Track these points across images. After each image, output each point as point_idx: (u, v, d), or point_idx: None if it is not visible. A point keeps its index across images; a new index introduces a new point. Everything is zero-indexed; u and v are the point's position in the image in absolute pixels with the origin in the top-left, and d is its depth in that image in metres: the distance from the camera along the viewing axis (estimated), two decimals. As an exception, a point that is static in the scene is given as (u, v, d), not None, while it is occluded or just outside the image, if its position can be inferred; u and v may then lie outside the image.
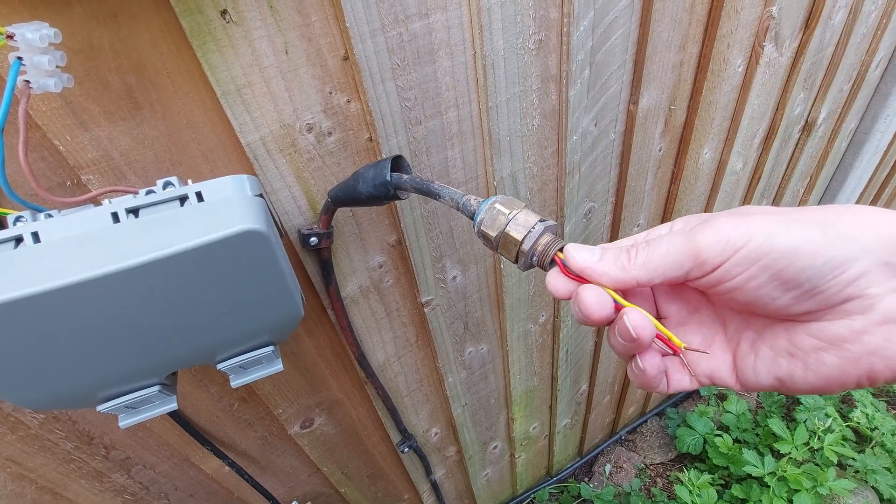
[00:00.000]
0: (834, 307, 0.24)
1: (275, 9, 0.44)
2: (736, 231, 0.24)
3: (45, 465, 0.60)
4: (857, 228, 0.23)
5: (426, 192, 0.43)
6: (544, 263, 0.33)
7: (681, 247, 0.26)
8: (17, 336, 0.31)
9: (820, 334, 0.25)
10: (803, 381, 0.26)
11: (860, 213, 0.23)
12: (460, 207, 0.39)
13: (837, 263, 0.22)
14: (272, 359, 0.48)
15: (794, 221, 0.24)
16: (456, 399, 1.00)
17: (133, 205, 0.34)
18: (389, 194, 0.47)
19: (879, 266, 0.22)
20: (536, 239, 0.33)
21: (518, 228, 0.33)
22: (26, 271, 0.29)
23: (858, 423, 1.60)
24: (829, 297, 0.23)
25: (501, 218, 0.34)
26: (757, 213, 0.25)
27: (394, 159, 0.49)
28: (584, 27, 0.63)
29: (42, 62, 0.34)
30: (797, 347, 0.26)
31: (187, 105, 0.45)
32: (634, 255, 0.28)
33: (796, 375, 0.26)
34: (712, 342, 0.31)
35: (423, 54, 0.54)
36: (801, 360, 0.26)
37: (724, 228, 0.25)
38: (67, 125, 0.41)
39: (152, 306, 0.32)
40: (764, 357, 0.28)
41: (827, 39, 1.01)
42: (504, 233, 0.33)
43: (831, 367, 0.24)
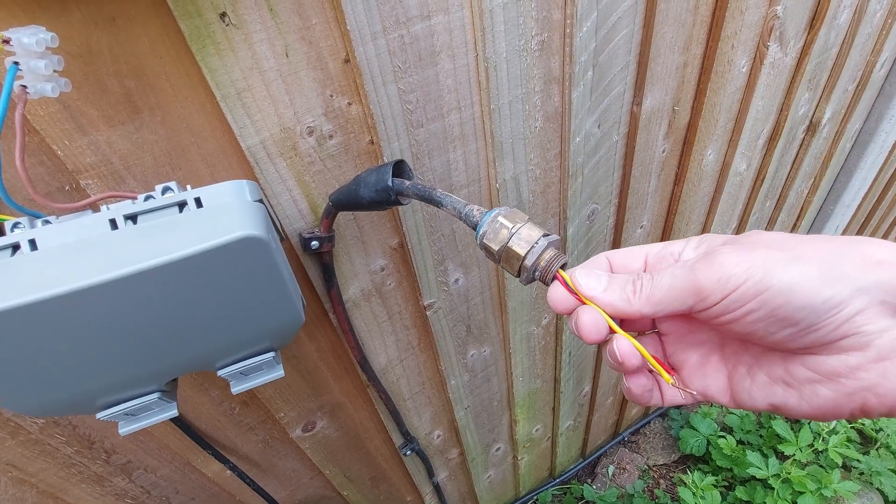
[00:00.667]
0: (830, 343, 0.24)
1: (275, 11, 0.44)
2: (736, 269, 0.25)
3: (46, 470, 0.60)
4: (857, 267, 0.23)
5: (428, 200, 0.43)
6: (546, 279, 0.33)
7: (683, 282, 0.27)
8: (15, 344, 0.30)
9: (816, 367, 0.25)
10: (797, 410, 0.27)
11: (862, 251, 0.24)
12: (463, 217, 0.39)
13: (835, 304, 0.23)
14: (273, 365, 0.48)
15: (795, 259, 0.24)
16: (458, 402, 0.99)
17: (131, 211, 0.33)
18: (391, 199, 0.47)
19: (876, 305, 0.23)
20: (539, 255, 0.33)
21: (521, 243, 0.33)
22: (23, 279, 0.29)
23: (863, 424, 1.59)
24: (825, 334, 0.24)
25: (504, 232, 0.34)
26: (761, 245, 0.26)
27: (396, 164, 0.48)
28: (587, 28, 0.63)
29: (39, 67, 0.34)
30: (793, 378, 0.26)
31: (187, 109, 0.44)
32: (640, 289, 0.29)
33: (790, 403, 0.27)
34: (708, 361, 0.32)
35: (424, 57, 0.53)
36: (796, 390, 0.26)
37: (725, 265, 0.25)
38: (66, 130, 0.41)
39: (151, 313, 0.32)
40: (760, 383, 0.28)
41: (832, 40, 1.00)
42: (507, 247, 0.33)
43: (825, 400, 0.25)
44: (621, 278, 0.30)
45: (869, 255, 0.23)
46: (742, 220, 1.29)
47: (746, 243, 0.26)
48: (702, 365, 0.32)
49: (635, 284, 0.29)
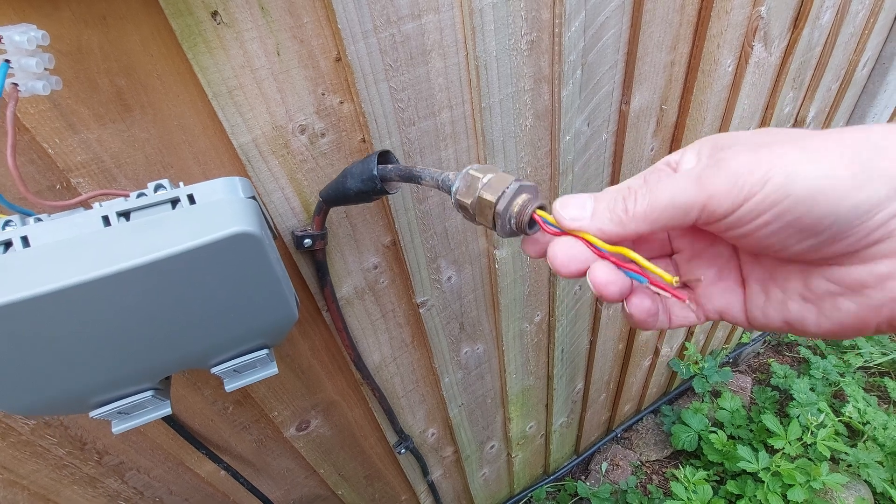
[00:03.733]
0: (858, 252, 0.21)
1: (266, 10, 0.44)
2: (751, 176, 0.21)
3: (38, 472, 0.59)
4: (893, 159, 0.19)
5: (409, 178, 0.42)
6: (523, 225, 0.30)
7: (688, 194, 0.23)
8: (6, 342, 0.30)
9: (839, 279, 0.22)
10: (815, 326, 0.24)
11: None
12: (440, 185, 0.36)
13: (868, 207, 0.19)
14: (267, 362, 0.48)
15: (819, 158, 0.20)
16: (452, 399, 1.00)
17: (124, 208, 0.33)
18: (377, 188, 0.47)
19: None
20: (511, 198, 0.30)
21: (491, 190, 0.30)
22: (15, 276, 0.29)
23: (850, 417, 1.62)
24: (853, 242, 0.20)
25: (476, 183, 0.31)
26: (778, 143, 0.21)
27: (381, 154, 0.49)
28: (576, 28, 0.63)
29: (30, 64, 0.34)
30: (811, 292, 0.23)
31: (178, 107, 0.44)
32: (633, 205, 0.24)
33: (808, 320, 0.24)
34: (727, 276, 0.28)
35: (415, 55, 0.54)
36: (814, 305, 0.23)
37: (740, 172, 0.21)
38: (56, 128, 0.41)
39: (144, 310, 0.32)
40: (775, 300, 0.25)
41: (815, 39, 1.02)
42: (478, 197, 0.31)
43: (847, 314, 0.22)
44: (608, 196, 0.26)
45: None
46: (730, 217, 1.31)
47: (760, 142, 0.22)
48: (717, 281, 0.28)
49: (626, 201, 0.25)
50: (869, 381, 1.87)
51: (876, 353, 1.88)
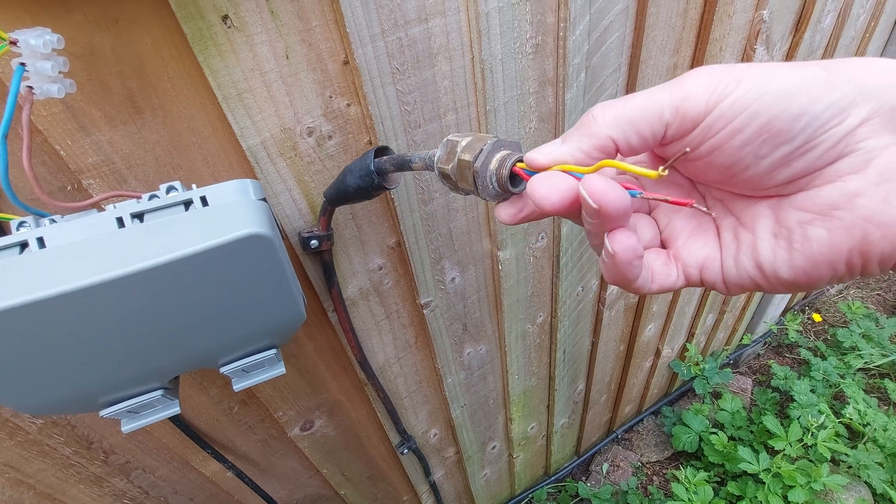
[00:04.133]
0: (824, 168, 0.21)
1: (276, 14, 0.44)
2: (726, 76, 0.21)
3: (44, 471, 0.60)
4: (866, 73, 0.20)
5: (401, 165, 0.42)
6: (504, 181, 0.28)
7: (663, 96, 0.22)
8: (24, 341, 0.31)
9: (807, 204, 0.21)
10: (788, 266, 0.23)
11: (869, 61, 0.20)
12: (428, 163, 0.35)
13: (838, 110, 0.19)
14: (274, 362, 0.48)
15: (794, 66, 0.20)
16: (455, 400, 1.00)
17: (138, 210, 0.34)
18: (375, 182, 0.47)
19: (885, 113, 0.19)
20: (488, 155, 0.28)
21: (469, 150, 0.29)
22: (33, 276, 0.30)
23: (851, 419, 1.62)
24: (821, 153, 0.20)
25: (455, 147, 0.30)
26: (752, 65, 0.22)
27: (378, 149, 0.49)
28: (580, 31, 0.64)
29: (45, 68, 0.34)
30: (782, 225, 0.23)
31: (188, 109, 0.45)
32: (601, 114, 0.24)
33: (779, 259, 0.23)
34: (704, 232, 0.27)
35: (422, 59, 0.54)
36: (785, 240, 0.22)
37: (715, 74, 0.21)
38: (68, 130, 0.41)
39: (157, 310, 0.32)
40: (745, 244, 0.24)
41: (817, 42, 1.02)
42: (458, 160, 0.29)
43: (820, 244, 0.21)
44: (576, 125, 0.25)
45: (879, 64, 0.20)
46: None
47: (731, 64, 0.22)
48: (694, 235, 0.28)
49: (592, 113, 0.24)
50: (869, 382, 1.87)
51: (876, 354, 1.88)
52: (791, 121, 0.20)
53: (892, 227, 0.19)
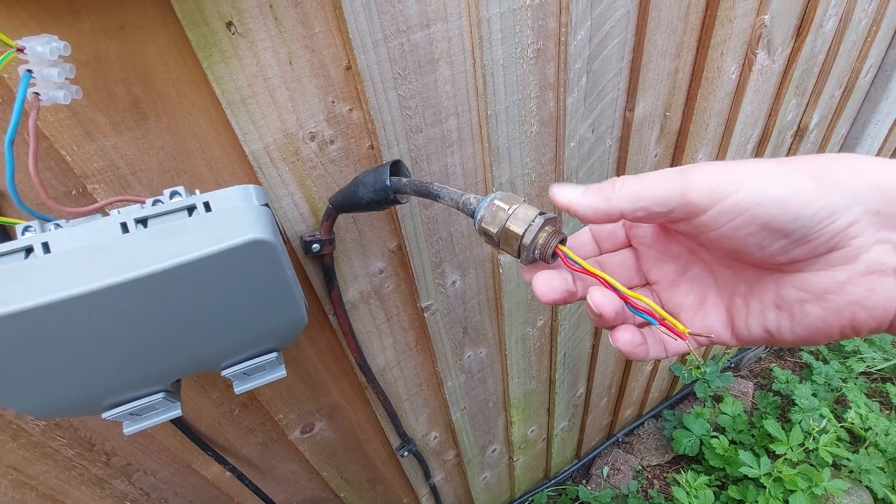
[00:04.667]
0: (819, 257, 0.24)
1: (279, 20, 0.45)
2: (727, 176, 0.24)
3: (47, 473, 0.60)
4: (851, 176, 0.23)
5: (425, 194, 0.44)
6: (546, 256, 0.33)
7: (670, 183, 0.25)
8: (30, 345, 0.31)
9: (805, 286, 0.25)
10: (790, 333, 0.26)
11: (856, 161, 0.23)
12: (460, 207, 0.38)
13: (827, 214, 0.22)
14: (276, 365, 0.48)
15: (789, 170, 0.23)
16: (455, 403, 1.00)
17: (142, 215, 0.34)
18: (389, 198, 0.48)
19: (869, 215, 0.22)
20: (537, 232, 0.32)
21: (518, 223, 0.33)
22: (38, 281, 0.30)
23: (852, 423, 1.62)
24: (816, 246, 0.23)
25: (501, 214, 0.33)
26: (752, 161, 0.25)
27: (392, 164, 0.50)
28: (582, 37, 0.64)
29: (52, 75, 0.35)
30: (784, 300, 0.26)
31: (192, 115, 0.45)
32: (620, 185, 0.27)
33: (783, 327, 0.27)
34: (706, 299, 0.31)
35: (423, 64, 0.55)
36: (787, 312, 0.26)
37: (718, 173, 0.24)
38: (74, 135, 0.42)
39: (162, 315, 0.33)
40: (754, 311, 0.28)
41: (818, 47, 1.02)
42: (505, 228, 0.33)
43: (816, 319, 0.25)
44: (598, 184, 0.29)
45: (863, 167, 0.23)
46: (733, 223, 1.31)
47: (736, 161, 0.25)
48: (700, 305, 0.31)
49: (615, 182, 0.28)
50: (871, 386, 1.87)
51: (878, 358, 1.88)
52: (787, 222, 0.23)
53: (877, 309, 0.23)
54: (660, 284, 0.34)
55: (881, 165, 0.23)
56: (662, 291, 0.33)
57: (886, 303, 0.23)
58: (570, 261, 0.31)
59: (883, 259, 0.23)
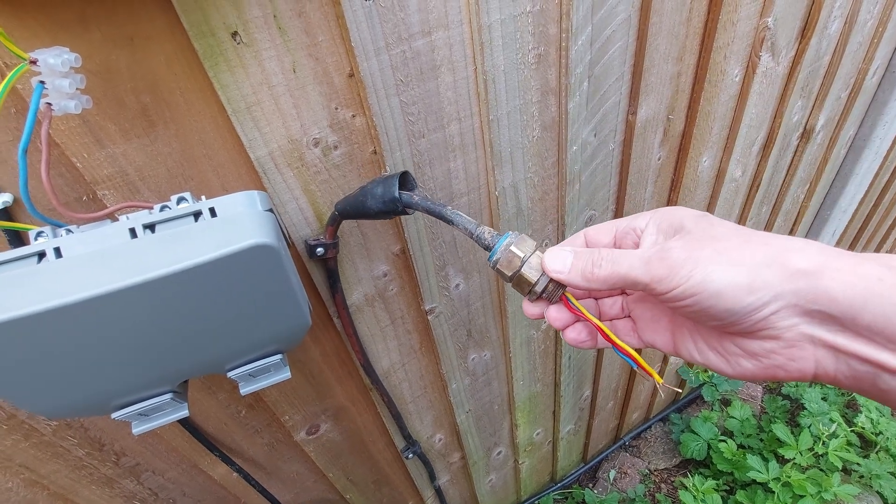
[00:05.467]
0: (752, 333, 0.30)
1: (283, 30, 0.46)
2: (682, 270, 0.30)
3: (58, 472, 0.61)
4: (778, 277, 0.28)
5: (438, 216, 0.45)
6: (553, 300, 0.39)
7: (637, 273, 0.32)
8: (41, 347, 0.32)
9: (742, 346, 0.32)
10: (724, 372, 0.34)
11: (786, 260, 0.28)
12: (474, 238, 0.42)
13: (754, 308, 0.29)
14: (280, 367, 0.49)
15: (731, 264, 0.29)
16: (460, 405, 1.01)
17: (149, 221, 0.35)
18: (398, 210, 0.49)
19: (789, 308, 0.28)
20: (547, 283, 0.38)
21: (531, 272, 0.38)
22: (50, 285, 0.31)
23: (863, 428, 1.60)
24: (746, 327, 0.30)
25: (516, 261, 0.38)
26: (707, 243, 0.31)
27: (401, 177, 0.50)
28: (583, 42, 0.65)
29: (63, 85, 0.36)
30: (724, 350, 0.33)
31: (199, 122, 0.46)
32: (599, 270, 0.34)
33: (719, 366, 0.34)
34: (659, 321, 0.38)
35: (425, 70, 0.55)
36: (725, 359, 0.33)
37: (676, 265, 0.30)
38: (85, 143, 0.43)
39: (169, 317, 0.34)
40: (699, 348, 0.35)
41: (823, 48, 1.02)
42: (520, 274, 0.38)
43: (745, 369, 0.32)
44: (584, 257, 0.35)
45: (792, 265, 0.28)
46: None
47: (697, 238, 0.31)
48: (653, 322, 0.39)
49: (594, 266, 0.34)
50: (882, 391, 1.84)
51: (889, 362, 1.85)
52: (722, 311, 0.30)
53: (793, 371, 0.30)
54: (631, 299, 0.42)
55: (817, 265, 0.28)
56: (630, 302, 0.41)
57: (803, 368, 0.30)
58: (573, 307, 0.38)
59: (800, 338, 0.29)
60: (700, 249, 0.30)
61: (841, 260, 0.28)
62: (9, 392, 0.34)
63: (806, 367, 0.29)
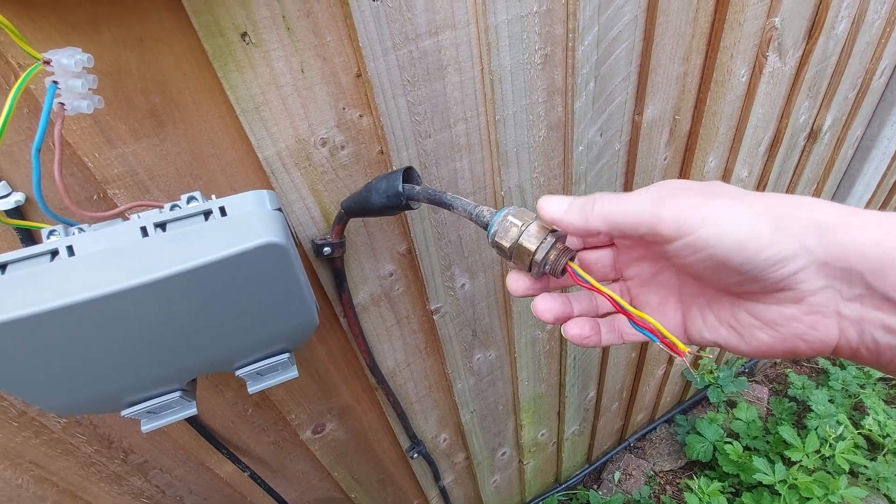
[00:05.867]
0: (771, 293, 0.27)
1: (291, 30, 0.46)
2: (693, 216, 0.26)
3: (67, 469, 0.62)
4: (805, 228, 0.25)
5: (438, 203, 0.45)
6: (556, 272, 0.34)
7: (643, 212, 0.28)
8: (53, 344, 0.32)
9: (758, 315, 0.28)
10: (737, 348, 0.30)
11: (818, 211, 0.25)
12: (473, 218, 0.40)
13: (777, 260, 0.25)
14: (288, 365, 0.50)
15: (752, 213, 0.25)
16: (464, 405, 1.01)
17: (161, 219, 0.36)
18: (402, 204, 0.49)
19: (816, 265, 0.25)
20: (548, 249, 0.34)
21: (531, 239, 0.34)
22: (64, 282, 0.31)
23: (870, 430, 1.59)
24: (766, 285, 0.26)
25: (514, 230, 0.35)
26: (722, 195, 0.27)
27: (405, 170, 0.51)
28: (589, 42, 0.65)
29: (76, 85, 0.36)
30: (738, 322, 0.30)
31: (208, 122, 0.47)
32: (600, 205, 0.30)
33: (732, 342, 0.30)
34: (667, 303, 0.35)
35: (432, 70, 0.56)
36: (738, 333, 0.30)
37: (685, 209, 0.26)
38: (96, 143, 0.43)
39: (181, 315, 0.34)
40: (710, 324, 0.32)
41: (830, 49, 1.01)
42: (518, 244, 0.35)
43: (762, 342, 0.28)
44: (581, 199, 0.31)
45: (816, 217, 0.25)
46: (745, 226, 1.30)
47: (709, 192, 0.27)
48: (661, 305, 0.35)
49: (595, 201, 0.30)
50: (889, 392, 1.83)
51: (897, 364, 1.84)
52: (741, 264, 0.26)
53: (814, 342, 0.27)
54: (633, 281, 0.37)
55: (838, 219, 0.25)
56: (633, 287, 0.37)
57: (825, 338, 0.26)
58: (580, 277, 0.33)
59: (825, 303, 0.26)
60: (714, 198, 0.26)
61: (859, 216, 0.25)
62: (22, 389, 0.34)
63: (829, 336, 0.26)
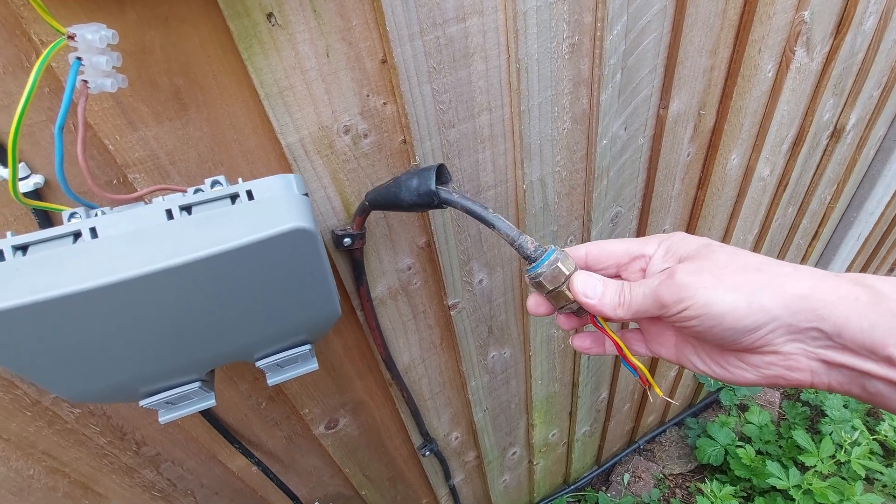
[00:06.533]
0: (752, 350, 0.34)
1: (318, 12, 0.45)
2: (685, 293, 0.34)
3: (79, 460, 0.61)
4: (774, 300, 0.32)
5: (478, 218, 0.45)
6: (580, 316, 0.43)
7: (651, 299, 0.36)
8: (74, 329, 0.31)
9: (743, 360, 0.35)
10: (725, 380, 0.38)
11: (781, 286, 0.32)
12: (514, 245, 0.43)
13: (753, 328, 0.32)
14: (308, 357, 0.48)
15: (731, 289, 0.33)
16: (478, 403, 1.00)
17: (186, 202, 0.34)
18: (433, 204, 0.48)
19: (784, 327, 0.32)
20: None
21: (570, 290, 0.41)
22: (86, 265, 0.30)
23: (886, 436, 1.56)
24: (746, 345, 0.34)
25: (561, 277, 0.40)
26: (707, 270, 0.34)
27: (438, 169, 0.49)
28: (617, 31, 0.63)
29: (100, 62, 0.35)
30: (727, 363, 0.37)
31: (231, 107, 0.46)
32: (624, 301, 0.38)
33: (722, 376, 0.38)
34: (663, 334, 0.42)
35: (458, 58, 0.54)
36: (727, 370, 0.37)
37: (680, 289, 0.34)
38: (117, 125, 0.42)
39: (206, 300, 0.33)
40: (703, 359, 0.39)
41: (857, 45, 0.99)
42: (560, 291, 0.41)
43: (747, 379, 0.36)
44: (611, 289, 0.39)
45: (787, 291, 0.32)
46: (764, 227, 1.28)
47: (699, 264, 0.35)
48: (659, 335, 0.43)
49: (621, 297, 0.38)
50: (906, 399, 1.79)
51: (914, 370, 1.80)
52: (724, 331, 0.33)
53: (792, 380, 0.34)
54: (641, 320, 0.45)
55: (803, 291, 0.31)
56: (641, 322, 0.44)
57: (800, 378, 0.33)
58: (598, 323, 0.42)
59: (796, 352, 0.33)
60: (699, 274, 0.34)
61: (827, 281, 0.31)
62: (41, 374, 0.33)
63: (803, 377, 0.33)
